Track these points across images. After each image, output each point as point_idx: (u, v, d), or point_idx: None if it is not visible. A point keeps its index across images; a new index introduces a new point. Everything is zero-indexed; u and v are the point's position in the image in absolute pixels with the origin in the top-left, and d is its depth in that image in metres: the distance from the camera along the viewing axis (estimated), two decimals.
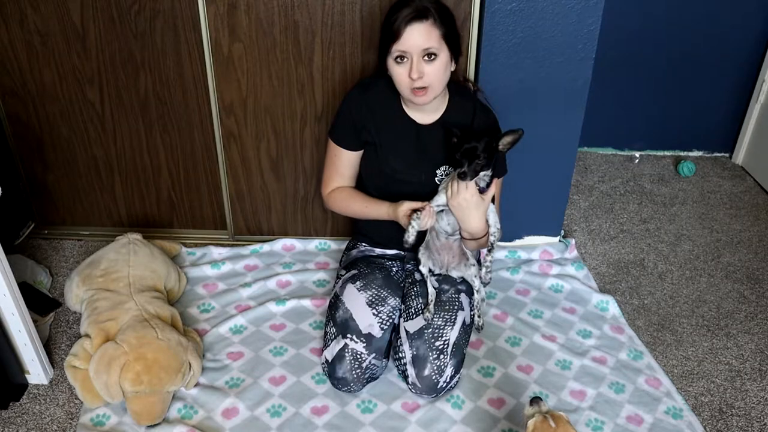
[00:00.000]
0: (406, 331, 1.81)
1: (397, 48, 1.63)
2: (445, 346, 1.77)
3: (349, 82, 2.14)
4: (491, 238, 1.77)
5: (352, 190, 1.93)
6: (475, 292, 1.89)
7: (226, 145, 2.30)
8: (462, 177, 1.62)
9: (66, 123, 2.29)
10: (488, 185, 1.69)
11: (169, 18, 2.08)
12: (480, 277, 1.84)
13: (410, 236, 1.73)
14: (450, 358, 1.76)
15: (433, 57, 1.63)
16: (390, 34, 1.62)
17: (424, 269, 1.87)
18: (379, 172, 1.86)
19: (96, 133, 2.31)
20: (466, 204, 1.68)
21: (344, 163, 1.89)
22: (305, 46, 2.11)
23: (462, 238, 1.81)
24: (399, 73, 1.67)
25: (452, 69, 1.72)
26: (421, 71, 1.64)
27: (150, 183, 2.40)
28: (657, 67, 3.00)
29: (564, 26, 2.03)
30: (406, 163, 1.83)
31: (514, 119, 1.92)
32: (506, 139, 1.62)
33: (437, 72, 1.66)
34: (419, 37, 1.60)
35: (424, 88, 1.67)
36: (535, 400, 1.42)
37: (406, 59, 1.64)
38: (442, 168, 1.81)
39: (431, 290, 1.85)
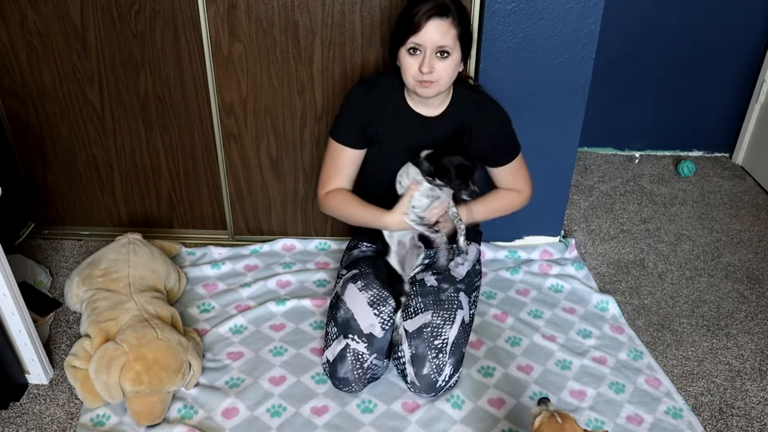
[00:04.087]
0: (406, 330, 1.81)
1: (413, 40, 1.64)
2: (444, 344, 1.77)
3: (349, 82, 2.14)
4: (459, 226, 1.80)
5: (349, 193, 1.89)
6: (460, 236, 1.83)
7: (226, 145, 2.30)
8: (473, 196, 1.67)
9: (66, 123, 2.29)
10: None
11: (169, 18, 2.08)
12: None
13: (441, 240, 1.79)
14: (449, 357, 1.76)
15: (445, 55, 1.65)
16: (409, 25, 1.63)
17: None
18: (386, 169, 1.83)
19: (96, 133, 2.31)
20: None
21: (345, 161, 1.86)
22: (305, 46, 2.11)
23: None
24: (410, 63, 1.67)
25: (460, 70, 1.73)
26: (432, 66, 1.65)
27: (150, 183, 2.40)
28: (657, 67, 3.00)
29: (564, 26, 2.03)
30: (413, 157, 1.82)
31: (514, 119, 1.92)
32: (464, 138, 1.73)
33: (447, 69, 1.67)
34: (437, 32, 1.62)
35: (431, 81, 1.68)
36: (543, 400, 1.43)
37: (419, 52, 1.65)
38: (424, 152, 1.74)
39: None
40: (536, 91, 2.14)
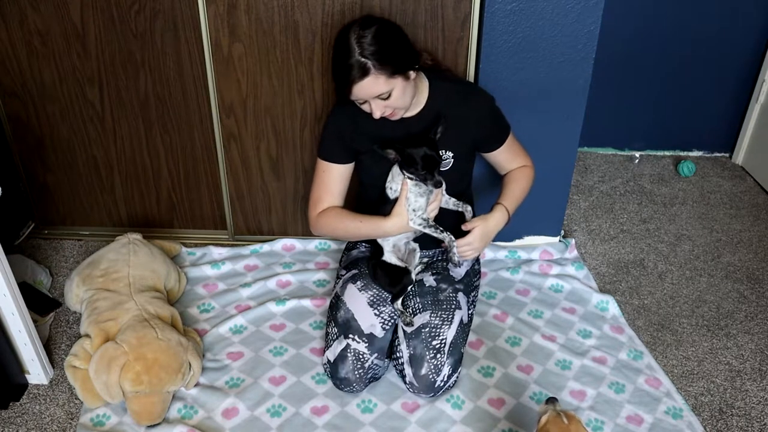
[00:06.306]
0: (404, 331, 1.81)
1: (352, 98, 1.66)
2: (442, 345, 1.77)
3: None
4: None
5: (342, 209, 1.87)
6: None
7: (226, 145, 2.30)
8: (438, 185, 1.68)
9: (66, 123, 2.29)
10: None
11: (169, 18, 2.08)
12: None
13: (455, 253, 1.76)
14: (447, 357, 1.76)
15: (387, 95, 1.65)
16: (341, 89, 1.66)
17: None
18: (380, 174, 1.84)
19: (96, 133, 2.31)
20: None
21: (334, 178, 1.85)
22: (305, 46, 2.11)
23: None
24: (364, 108, 1.71)
25: (413, 78, 1.70)
26: (382, 107, 1.67)
27: (150, 183, 2.40)
28: (657, 67, 3.00)
29: (564, 26, 2.03)
30: None
31: (514, 119, 1.92)
32: (439, 129, 1.70)
33: (397, 99, 1.67)
34: (367, 89, 1.62)
35: (391, 114, 1.70)
36: (551, 399, 1.44)
37: (365, 102, 1.68)
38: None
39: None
40: (536, 91, 2.14)
